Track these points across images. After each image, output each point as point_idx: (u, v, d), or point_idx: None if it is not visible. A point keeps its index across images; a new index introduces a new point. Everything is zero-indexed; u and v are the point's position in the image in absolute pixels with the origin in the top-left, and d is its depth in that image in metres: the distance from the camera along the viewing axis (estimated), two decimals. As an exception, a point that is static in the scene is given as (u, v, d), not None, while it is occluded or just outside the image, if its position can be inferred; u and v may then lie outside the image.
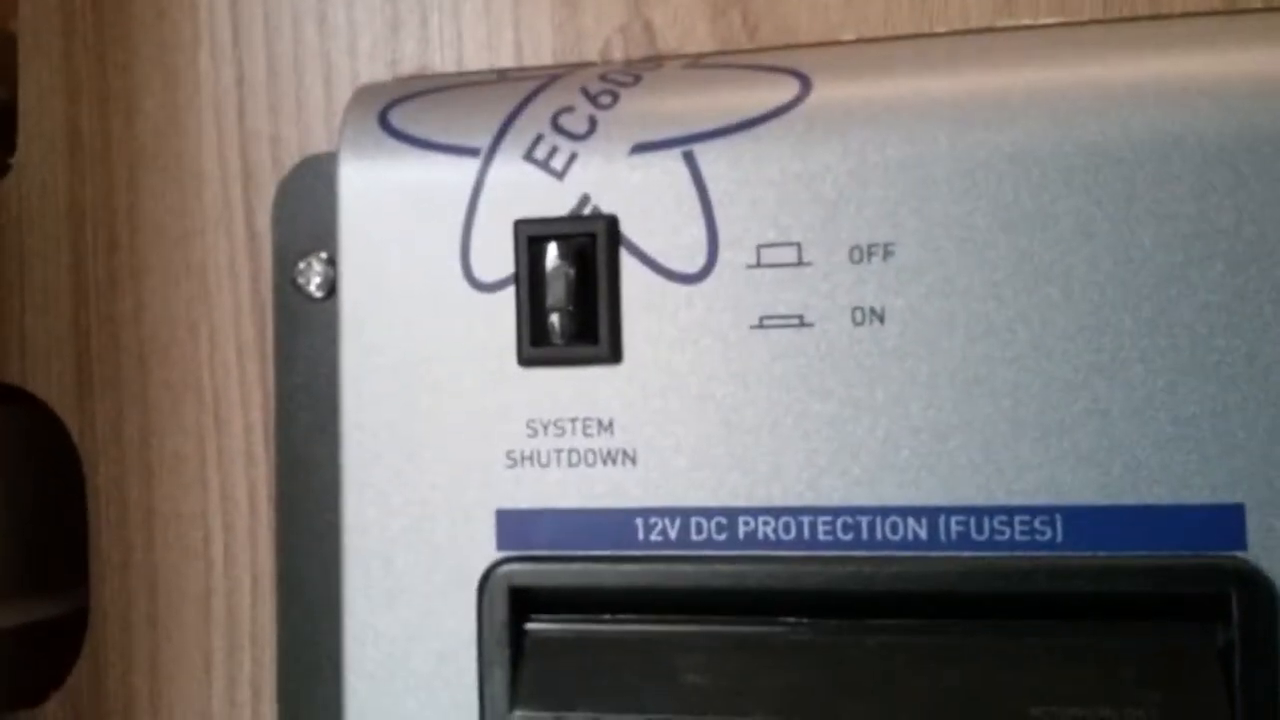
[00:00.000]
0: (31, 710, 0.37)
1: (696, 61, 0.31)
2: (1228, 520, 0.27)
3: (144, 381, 0.36)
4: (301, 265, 0.34)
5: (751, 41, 0.32)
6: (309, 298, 0.34)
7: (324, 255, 0.34)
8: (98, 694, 0.36)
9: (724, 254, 0.29)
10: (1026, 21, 0.31)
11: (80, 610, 0.37)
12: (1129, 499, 0.27)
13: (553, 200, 0.30)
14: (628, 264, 0.30)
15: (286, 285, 0.35)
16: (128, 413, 0.36)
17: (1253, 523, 0.27)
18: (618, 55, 0.33)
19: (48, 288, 0.37)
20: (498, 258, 0.30)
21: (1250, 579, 0.26)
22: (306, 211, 0.35)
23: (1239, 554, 0.27)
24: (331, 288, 0.34)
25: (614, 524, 0.30)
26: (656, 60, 0.32)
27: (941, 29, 0.31)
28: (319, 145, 0.35)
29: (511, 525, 0.30)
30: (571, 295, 0.30)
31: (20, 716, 0.37)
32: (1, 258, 0.37)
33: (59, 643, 0.37)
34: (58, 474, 0.37)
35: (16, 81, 0.37)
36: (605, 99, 0.30)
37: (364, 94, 0.33)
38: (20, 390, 0.37)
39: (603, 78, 0.31)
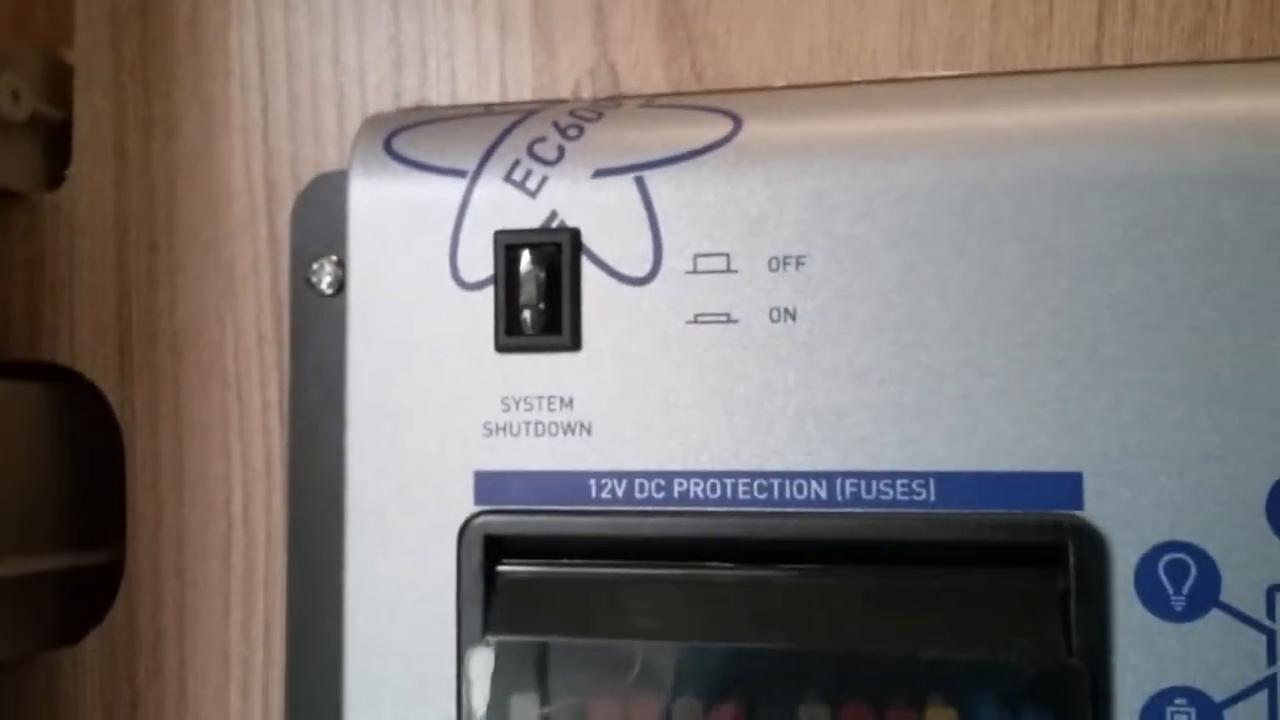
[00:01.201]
0: (73, 646, 0.41)
1: (650, 102, 0.37)
2: (1068, 484, 0.32)
3: (177, 365, 0.41)
4: (315, 266, 0.39)
5: (699, 84, 0.37)
6: (321, 294, 0.39)
7: (334, 258, 0.39)
8: (131, 631, 0.41)
9: (667, 262, 0.34)
10: (926, 73, 0.36)
11: (116, 561, 0.41)
12: (989, 466, 0.32)
13: (527, 215, 0.35)
14: (588, 269, 0.35)
15: (302, 283, 0.39)
16: (162, 391, 0.41)
17: (1089, 487, 0.32)
18: (586, 93, 0.38)
19: (95, 283, 0.41)
20: (480, 262, 0.35)
21: (1084, 532, 0.32)
22: (320, 220, 0.39)
23: (1077, 513, 0.32)
24: (340, 286, 0.38)
25: (572, 484, 0.35)
26: (617, 100, 0.37)
27: (855, 78, 0.36)
28: (332, 164, 0.40)
29: (487, 484, 0.35)
30: (541, 294, 0.35)
31: (63, 652, 0.41)
32: (56, 257, 0.42)
33: (98, 589, 0.42)
34: (100, 443, 0.42)
35: (72, 104, 0.42)
36: (573, 132, 0.36)
37: (372, 123, 0.38)
38: (70, 371, 0.42)
39: (571, 114, 0.36)
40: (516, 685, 0.35)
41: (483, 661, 0.35)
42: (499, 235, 0.35)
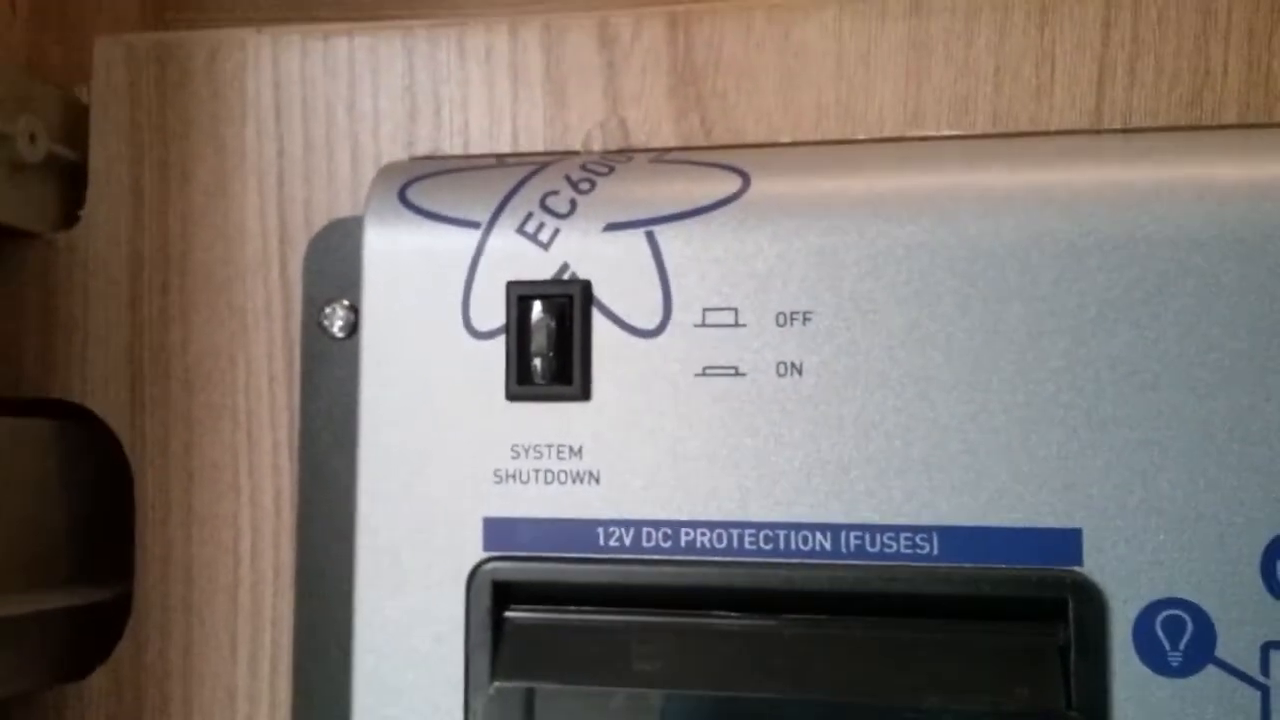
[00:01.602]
0: (80, 682, 0.41)
1: (660, 156, 0.37)
2: (1068, 541, 0.33)
3: (188, 403, 0.41)
4: (327, 310, 0.40)
5: (707, 139, 0.38)
6: (332, 337, 0.39)
7: (346, 302, 0.39)
8: (138, 667, 0.41)
9: (676, 315, 0.35)
10: (931, 133, 0.37)
11: (124, 597, 0.41)
12: (991, 521, 0.33)
13: (539, 266, 0.36)
14: (598, 320, 0.35)
15: (313, 326, 0.40)
16: (173, 429, 0.41)
17: (1088, 544, 0.33)
18: (597, 146, 0.39)
19: (108, 321, 0.42)
20: (492, 311, 0.36)
21: (1084, 588, 0.32)
22: (332, 265, 0.40)
23: (1076, 568, 0.33)
24: (352, 329, 0.39)
25: (580, 532, 0.35)
26: (627, 153, 0.38)
27: (861, 136, 0.37)
28: (345, 210, 0.40)
29: (496, 531, 0.35)
30: (551, 344, 0.35)
31: (70, 687, 0.41)
32: (70, 295, 0.42)
33: (105, 625, 0.42)
34: (109, 480, 0.42)
35: (87, 145, 0.42)
36: (584, 185, 0.36)
37: (386, 172, 0.38)
38: (81, 408, 0.42)
39: (583, 167, 0.37)
40: (523, 730, 0.35)
41: (490, 706, 0.35)
42: (511, 286, 0.36)
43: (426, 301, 0.37)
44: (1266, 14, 0.35)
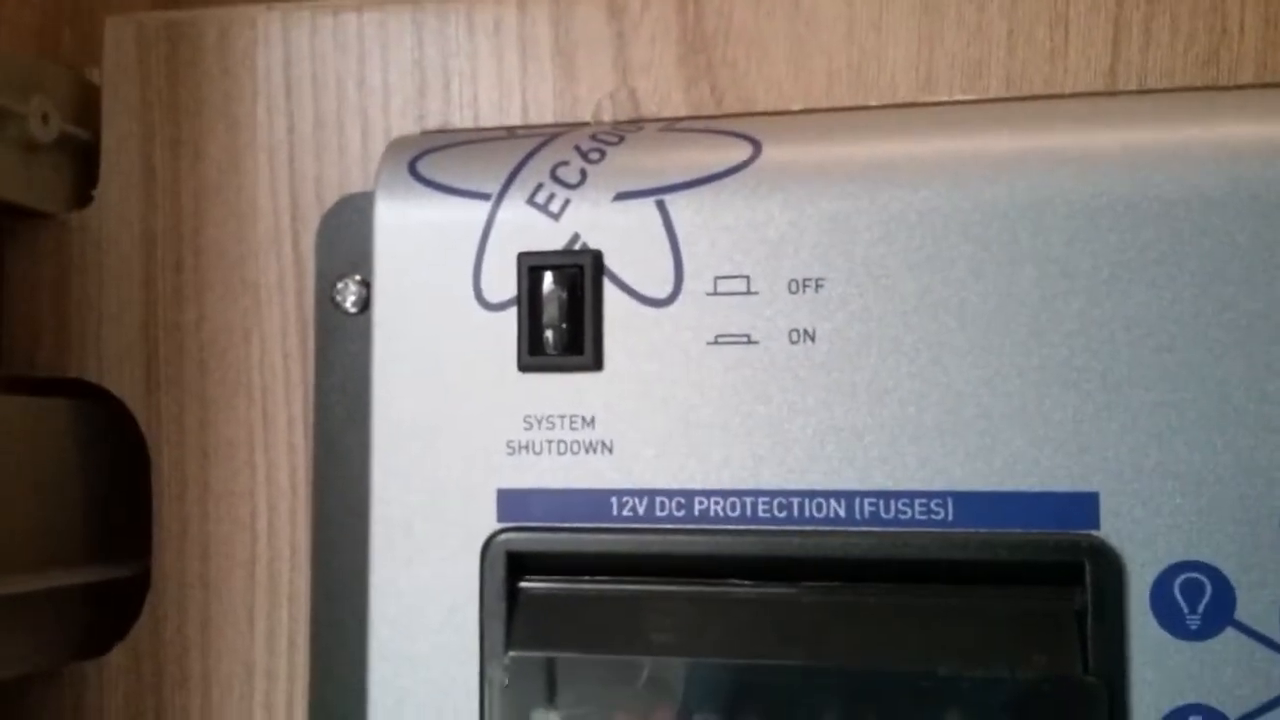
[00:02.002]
0: (98, 659, 0.42)
1: (671, 125, 0.37)
2: (1085, 505, 0.32)
3: (203, 381, 0.41)
4: (339, 285, 0.40)
5: (718, 108, 0.38)
6: (345, 313, 0.39)
7: (358, 277, 0.39)
8: (156, 644, 0.41)
9: (687, 284, 0.35)
10: (943, 98, 0.37)
11: (142, 574, 0.42)
12: (1007, 486, 0.33)
13: (550, 237, 0.36)
14: (609, 290, 0.35)
15: (326, 302, 0.40)
16: (189, 406, 0.41)
17: (1105, 507, 0.32)
18: (607, 117, 0.39)
19: (122, 300, 0.42)
20: (503, 283, 0.36)
21: (1101, 552, 0.32)
22: (344, 240, 0.40)
23: (1093, 532, 0.32)
24: (365, 304, 0.39)
25: (593, 502, 0.35)
26: (638, 123, 0.38)
27: (873, 102, 0.37)
28: (356, 185, 0.40)
29: (509, 502, 0.36)
30: (563, 315, 0.35)
31: (89, 664, 0.42)
32: (84, 275, 0.42)
33: (123, 602, 0.42)
34: (125, 458, 0.42)
35: (99, 125, 0.42)
36: (594, 155, 0.36)
37: (397, 145, 0.38)
38: (96, 386, 0.42)
39: (593, 137, 0.37)
40: (538, 700, 0.35)
41: (505, 676, 0.35)
42: (522, 257, 0.36)
43: (438, 274, 0.36)
44: (1283, -29, 0.35)
